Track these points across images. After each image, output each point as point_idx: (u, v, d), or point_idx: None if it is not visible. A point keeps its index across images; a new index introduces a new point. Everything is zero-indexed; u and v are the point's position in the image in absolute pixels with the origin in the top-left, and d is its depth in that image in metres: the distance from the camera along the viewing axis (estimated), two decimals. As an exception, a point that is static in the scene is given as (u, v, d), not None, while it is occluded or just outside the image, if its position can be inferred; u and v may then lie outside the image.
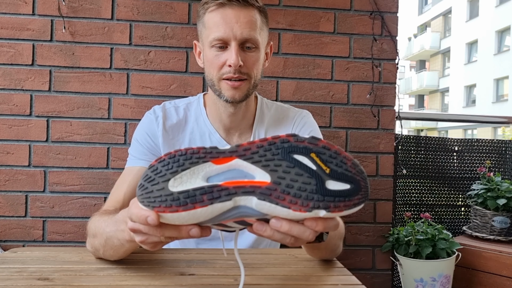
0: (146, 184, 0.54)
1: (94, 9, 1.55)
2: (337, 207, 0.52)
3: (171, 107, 1.10)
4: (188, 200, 0.52)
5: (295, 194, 0.51)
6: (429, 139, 1.94)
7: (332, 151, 0.55)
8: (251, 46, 0.95)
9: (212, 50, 0.96)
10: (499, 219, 1.70)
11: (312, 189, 0.52)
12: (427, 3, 30.28)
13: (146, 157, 1.03)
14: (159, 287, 0.70)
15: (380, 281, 1.69)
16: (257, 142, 0.55)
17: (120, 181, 1.03)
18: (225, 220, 0.55)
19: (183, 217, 0.53)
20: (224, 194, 0.52)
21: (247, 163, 0.54)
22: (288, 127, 1.11)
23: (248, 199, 0.53)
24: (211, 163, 0.55)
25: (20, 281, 0.71)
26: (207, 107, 1.09)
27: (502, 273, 1.57)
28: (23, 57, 1.53)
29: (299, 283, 0.74)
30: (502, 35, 20.94)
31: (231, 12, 0.93)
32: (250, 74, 0.97)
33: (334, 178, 0.53)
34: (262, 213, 0.53)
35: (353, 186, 0.53)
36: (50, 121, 1.54)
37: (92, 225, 0.84)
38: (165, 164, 0.54)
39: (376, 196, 1.68)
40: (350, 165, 0.55)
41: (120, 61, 1.56)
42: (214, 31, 0.93)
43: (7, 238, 1.53)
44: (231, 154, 0.55)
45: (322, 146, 0.55)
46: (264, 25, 1.01)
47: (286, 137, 0.55)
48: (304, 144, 0.54)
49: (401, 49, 7.91)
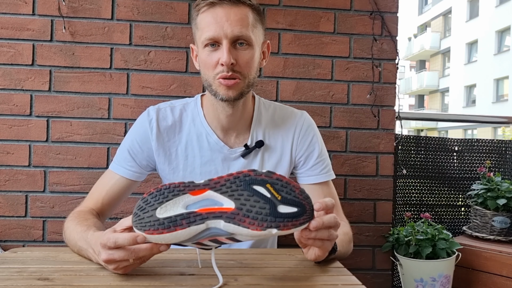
0: (139, 212, 0.69)
1: (94, 9, 1.55)
2: (286, 226, 0.65)
3: (167, 107, 1.09)
4: (171, 224, 0.66)
5: (253, 217, 0.65)
6: (429, 139, 1.94)
7: (283, 182, 0.68)
8: (243, 43, 0.95)
9: (205, 50, 0.96)
10: (499, 219, 1.70)
11: (267, 212, 0.65)
12: (427, 3, 30.28)
13: (129, 166, 1.06)
14: (159, 287, 0.71)
15: (380, 281, 1.69)
16: (225, 176, 0.69)
17: (101, 184, 1.07)
18: (201, 239, 0.68)
19: (167, 238, 0.67)
20: (198, 219, 0.66)
21: (217, 193, 0.68)
22: (290, 130, 1.11)
23: (217, 222, 0.66)
24: (189, 195, 0.69)
25: (20, 281, 0.71)
26: (204, 108, 1.09)
27: (502, 273, 1.57)
28: (23, 57, 1.53)
29: (299, 283, 0.74)
30: (502, 35, 20.94)
31: (221, 11, 0.93)
32: (243, 73, 0.96)
33: (285, 203, 0.66)
34: (229, 232, 0.66)
35: (299, 209, 0.67)
36: (50, 121, 1.54)
37: (67, 232, 0.92)
38: (153, 196, 0.69)
39: (376, 196, 1.68)
40: (298, 192, 0.68)
41: (120, 61, 1.56)
42: (205, 31, 0.94)
43: (7, 238, 1.53)
44: (204, 187, 0.69)
45: (276, 178, 0.69)
46: (257, 23, 0.99)
47: (247, 172, 0.69)
48: (262, 177, 0.68)
49: (401, 49, 7.90)
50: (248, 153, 1.07)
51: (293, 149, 1.11)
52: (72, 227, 0.91)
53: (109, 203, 1.05)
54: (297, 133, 1.11)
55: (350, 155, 1.67)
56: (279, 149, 1.11)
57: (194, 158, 1.07)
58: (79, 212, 0.98)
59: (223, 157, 1.07)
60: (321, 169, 1.12)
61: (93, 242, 0.79)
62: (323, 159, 1.13)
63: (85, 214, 0.97)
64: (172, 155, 1.07)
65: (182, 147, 1.07)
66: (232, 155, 1.07)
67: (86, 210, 1.00)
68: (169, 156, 1.07)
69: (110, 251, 0.71)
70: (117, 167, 1.06)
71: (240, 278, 0.75)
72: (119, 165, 1.06)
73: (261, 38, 1.02)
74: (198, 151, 1.07)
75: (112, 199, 1.05)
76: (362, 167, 1.67)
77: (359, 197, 1.68)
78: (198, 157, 1.07)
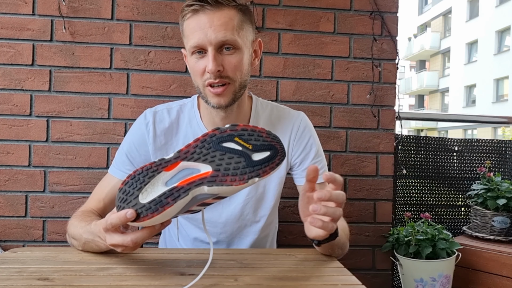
0: (122, 204, 0.69)
1: (94, 9, 1.55)
2: (265, 172, 0.66)
3: (164, 108, 1.09)
4: (158, 205, 0.66)
5: (233, 173, 0.66)
6: (429, 139, 1.94)
7: (249, 130, 0.69)
8: (229, 47, 0.93)
9: (192, 58, 0.95)
10: (499, 219, 1.70)
11: (243, 165, 0.66)
12: (427, 3, 30.27)
13: (127, 170, 1.06)
14: (159, 287, 0.71)
15: (380, 281, 1.69)
16: (192, 143, 0.69)
17: (101, 186, 1.09)
18: (190, 207, 0.69)
19: (158, 219, 0.67)
20: (182, 192, 0.66)
21: (191, 162, 0.69)
22: (287, 131, 1.10)
23: (200, 189, 0.67)
24: (164, 171, 0.69)
25: (20, 281, 0.71)
26: (201, 109, 1.08)
27: (502, 273, 1.57)
28: (23, 57, 1.53)
29: (299, 283, 0.74)
30: (502, 35, 20.94)
31: (204, 18, 0.91)
32: (232, 78, 0.95)
33: (256, 150, 0.67)
34: (214, 194, 0.67)
35: (272, 151, 0.68)
36: (50, 121, 1.54)
37: (72, 228, 0.94)
38: (130, 185, 0.69)
39: (376, 196, 1.68)
40: (265, 136, 0.69)
41: (120, 61, 1.56)
42: (190, 38, 0.93)
43: (7, 238, 1.53)
44: (176, 160, 0.69)
45: (241, 129, 0.69)
46: (244, 23, 0.96)
47: (212, 132, 0.69)
48: (227, 132, 0.68)
49: (401, 49, 7.91)
50: None
51: (289, 150, 1.10)
52: (75, 223, 0.93)
53: (110, 206, 1.07)
54: (293, 134, 1.10)
55: (350, 155, 1.67)
56: None
57: None
58: (82, 212, 1.01)
59: None
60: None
61: (97, 230, 0.81)
62: (319, 160, 1.12)
63: (88, 213, 0.99)
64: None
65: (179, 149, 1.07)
66: None
67: (88, 210, 1.02)
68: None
69: (113, 236, 0.74)
70: (116, 171, 1.07)
71: (240, 278, 0.75)
72: (117, 169, 1.07)
73: (250, 38, 1.00)
74: None
75: (112, 200, 1.06)
76: (362, 167, 1.67)
77: (359, 197, 1.68)
78: None
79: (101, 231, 0.78)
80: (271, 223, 1.17)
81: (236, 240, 1.11)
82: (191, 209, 0.70)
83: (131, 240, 0.72)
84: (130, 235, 0.72)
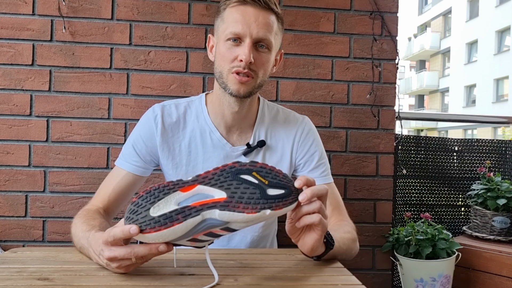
0: (131, 216, 0.69)
1: (94, 9, 1.55)
2: (278, 206, 0.69)
3: (172, 104, 1.12)
4: (167, 220, 0.67)
5: (246, 202, 0.68)
6: (429, 139, 1.94)
7: (267, 169, 0.72)
8: (264, 46, 0.99)
9: (226, 44, 0.99)
10: (499, 219, 1.70)
11: (258, 196, 0.68)
12: (427, 3, 30.27)
13: (134, 162, 1.08)
14: (159, 287, 0.71)
15: (380, 281, 1.69)
16: (211, 171, 0.71)
17: (108, 181, 1.09)
18: (197, 234, 0.69)
19: (164, 234, 0.67)
20: (193, 211, 0.67)
21: (207, 186, 0.70)
22: (291, 133, 1.14)
23: (212, 212, 0.68)
24: (180, 192, 0.70)
25: (20, 281, 0.71)
26: (208, 106, 1.11)
27: (502, 273, 1.57)
28: (23, 57, 1.53)
29: (299, 283, 0.74)
30: (502, 35, 20.94)
31: (251, 11, 0.97)
32: (257, 73, 1.00)
33: (272, 186, 0.70)
34: (224, 221, 0.68)
35: (286, 190, 0.71)
36: (50, 121, 1.54)
37: (74, 228, 0.93)
38: (144, 198, 0.69)
39: (376, 196, 1.68)
40: (281, 177, 0.72)
41: (120, 61, 1.56)
42: (232, 25, 0.97)
43: (7, 238, 1.53)
44: (193, 183, 0.71)
45: (260, 166, 0.72)
46: (279, 31, 1.05)
47: (232, 164, 0.72)
48: (247, 166, 0.71)
49: (401, 49, 7.91)
50: (250, 151, 1.10)
51: (293, 152, 1.14)
52: (78, 223, 0.93)
53: (116, 199, 1.07)
54: (297, 136, 1.14)
55: (350, 155, 1.67)
56: (279, 150, 1.13)
57: (197, 154, 1.10)
58: (88, 211, 1.00)
59: (225, 155, 1.09)
60: (320, 171, 1.15)
61: (93, 243, 0.80)
62: (322, 162, 1.16)
63: (93, 214, 0.99)
64: (176, 150, 1.09)
65: (185, 143, 1.10)
66: (234, 153, 1.09)
67: (94, 209, 1.02)
68: (173, 151, 1.09)
69: (112, 249, 0.72)
70: (123, 163, 1.09)
71: (240, 278, 0.75)
72: (124, 161, 1.09)
73: (278, 46, 1.07)
74: (201, 148, 1.09)
75: (119, 195, 1.08)
76: (362, 167, 1.67)
77: (359, 197, 1.68)
78: (201, 153, 1.09)
79: (96, 244, 0.77)
80: (271, 223, 1.20)
81: (236, 236, 1.12)
82: (197, 236, 0.70)
83: (132, 251, 0.70)
84: (132, 248, 0.71)
